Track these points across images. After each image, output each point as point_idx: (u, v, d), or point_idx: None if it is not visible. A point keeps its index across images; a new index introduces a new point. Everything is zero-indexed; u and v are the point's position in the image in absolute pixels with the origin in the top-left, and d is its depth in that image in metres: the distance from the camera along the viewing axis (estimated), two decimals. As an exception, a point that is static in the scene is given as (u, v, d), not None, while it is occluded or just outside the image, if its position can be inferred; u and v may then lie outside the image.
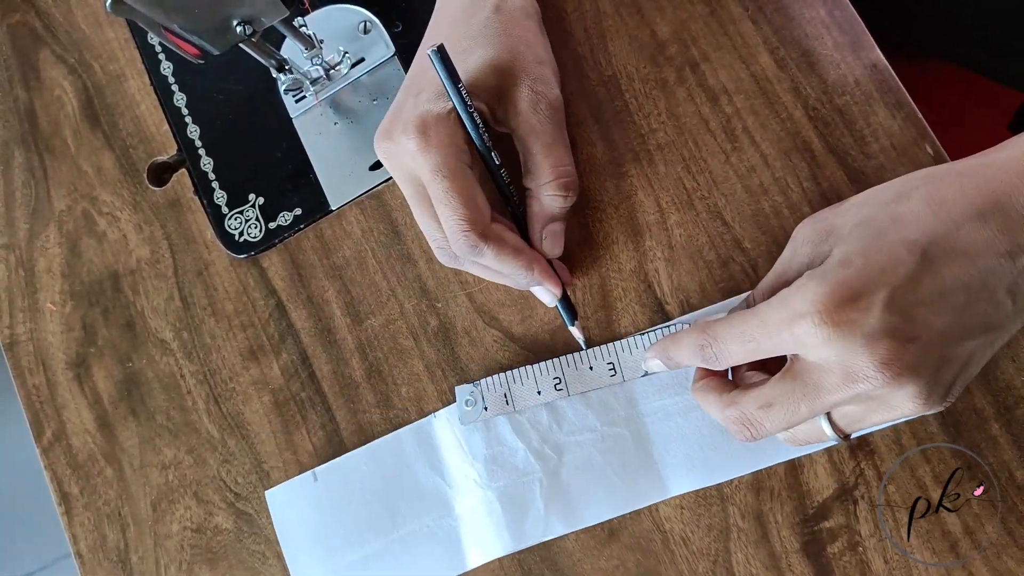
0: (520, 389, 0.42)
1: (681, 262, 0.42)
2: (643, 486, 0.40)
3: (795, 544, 0.38)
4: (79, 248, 0.51)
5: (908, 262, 0.30)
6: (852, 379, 0.30)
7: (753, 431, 0.34)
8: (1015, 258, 0.30)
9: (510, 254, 0.38)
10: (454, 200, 0.37)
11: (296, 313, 0.47)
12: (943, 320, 0.30)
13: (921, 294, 0.30)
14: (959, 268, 0.30)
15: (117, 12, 0.37)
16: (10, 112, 0.55)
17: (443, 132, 0.37)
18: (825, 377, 0.31)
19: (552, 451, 0.42)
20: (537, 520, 0.41)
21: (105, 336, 0.50)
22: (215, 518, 0.46)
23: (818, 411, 0.32)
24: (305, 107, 0.49)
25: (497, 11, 0.41)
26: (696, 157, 0.42)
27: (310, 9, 0.50)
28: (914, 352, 0.29)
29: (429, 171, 0.37)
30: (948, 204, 0.31)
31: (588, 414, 0.41)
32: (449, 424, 0.43)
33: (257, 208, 0.49)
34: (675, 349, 0.37)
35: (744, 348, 0.33)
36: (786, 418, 0.32)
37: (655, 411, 0.41)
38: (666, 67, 0.44)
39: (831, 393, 0.31)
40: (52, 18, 0.56)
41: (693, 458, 0.40)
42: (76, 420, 0.49)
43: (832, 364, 0.30)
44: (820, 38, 0.42)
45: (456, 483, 0.43)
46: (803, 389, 0.31)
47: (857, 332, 0.29)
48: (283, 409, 0.46)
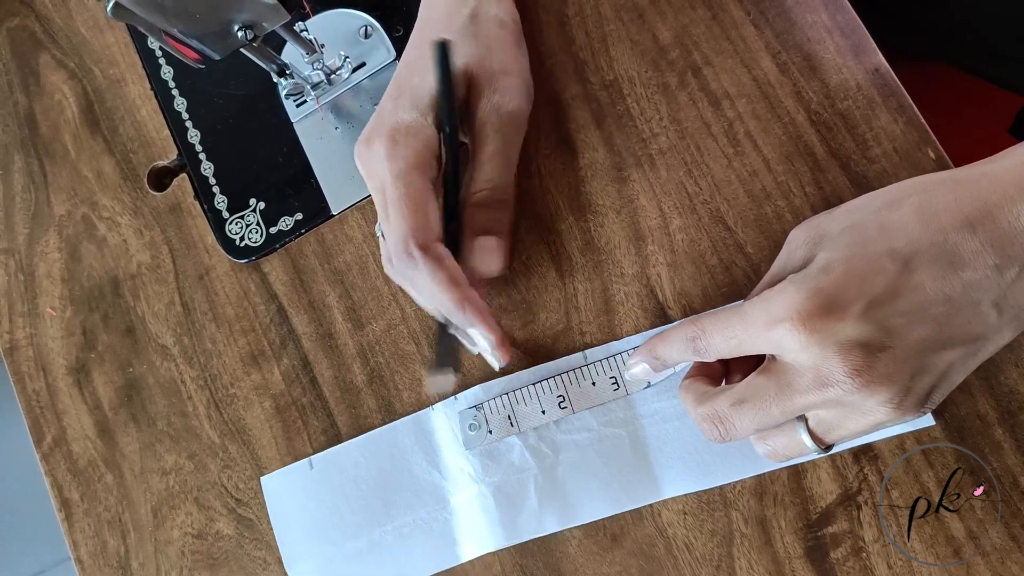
0: (524, 410, 0.42)
1: (683, 267, 0.42)
2: (638, 487, 0.40)
3: (798, 550, 0.38)
4: (79, 253, 0.51)
5: (890, 271, 0.30)
6: (824, 383, 0.30)
7: (723, 429, 0.33)
8: (1003, 271, 0.30)
9: (445, 280, 0.37)
10: (405, 207, 0.37)
11: (297, 318, 0.47)
12: (921, 331, 0.30)
13: (900, 305, 0.30)
14: (942, 280, 0.30)
15: (118, 16, 0.37)
16: (10, 117, 0.55)
17: (412, 142, 0.38)
18: (798, 378, 0.31)
19: (548, 449, 0.42)
20: (531, 516, 0.41)
21: (105, 341, 0.50)
22: (216, 524, 0.46)
23: (789, 412, 0.32)
24: (306, 112, 0.49)
25: (473, 18, 0.41)
26: (698, 162, 0.42)
27: (311, 14, 0.50)
28: (887, 361, 0.29)
29: (391, 176, 0.37)
30: (938, 213, 0.30)
31: (586, 414, 0.41)
32: (446, 417, 0.43)
33: (258, 213, 0.49)
34: (664, 346, 0.36)
35: (728, 344, 0.33)
36: (757, 418, 0.32)
37: (653, 413, 0.41)
38: (668, 71, 0.44)
39: (803, 395, 0.31)
40: (52, 22, 0.55)
41: (688, 461, 0.40)
42: (76, 426, 0.49)
43: (806, 368, 0.30)
44: (822, 42, 0.42)
45: (451, 476, 0.43)
46: (776, 388, 0.32)
47: (831, 340, 0.30)
48: (284, 414, 0.46)
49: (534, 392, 0.42)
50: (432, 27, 0.42)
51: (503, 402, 0.42)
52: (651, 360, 0.37)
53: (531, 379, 0.42)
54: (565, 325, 0.43)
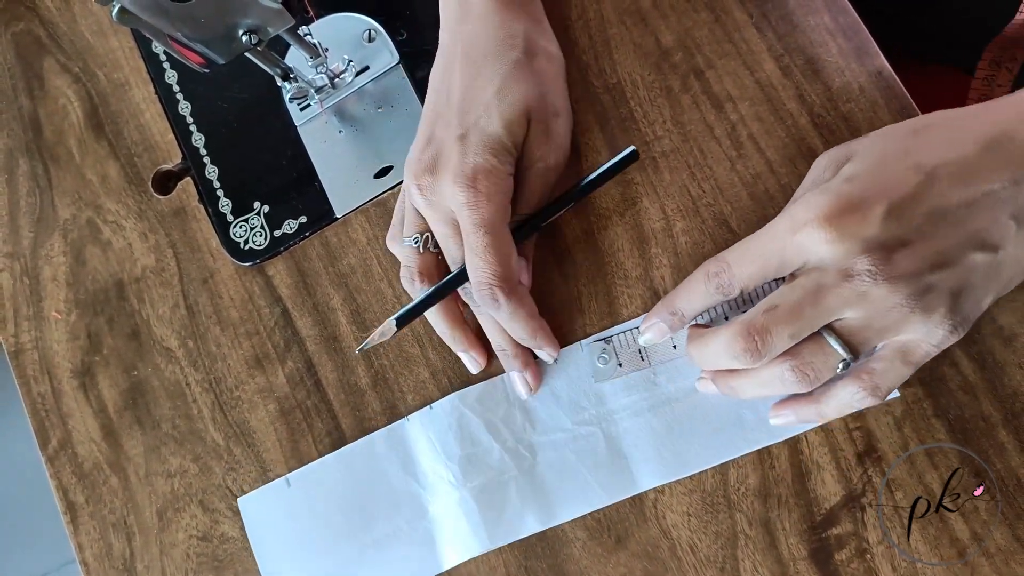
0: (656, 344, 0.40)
1: (687, 269, 0.42)
2: (615, 482, 0.41)
3: (803, 551, 0.38)
4: (84, 256, 0.52)
5: (912, 180, 0.32)
6: (849, 277, 0.32)
7: (759, 340, 0.33)
8: (1020, 185, 0.32)
9: (525, 316, 0.40)
10: (491, 256, 0.38)
11: (301, 321, 0.47)
12: (941, 230, 0.32)
13: (921, 208, 0.31)
14: (963, 189, 0.32)
15: (123, 21, 0.37)
16: (15, 121, 0.55)
17: (492, 188, 0.38)
18: (825, 278, 0.32)
19: (526, 451, 0.42)
20: (513, 517, 0.42)
21: (110, 344, 0.50)
22: (221, 526, 0.46)
23: (820, 312, 0.33)
24: (310, 115, 0.49)
25: (528, 53, 0.41)
26: (701, 164, 0.42)
27: (315, 18, 0.50)
28: (908, 255, 0.31)
29: (472, 224, 0.38)
30: (961, 135, 0.33)
31: (559, 414, 0.42)
32: (422, 427, 0.43)
33: (262, 216, 0.49)
34: (683, 295, 0.37)
35: (752, 267, 0.34)
36: (791, 320, 0.33)
37: (624, 408, 0.41)
38: (671, 74, 0.44)
39: (831, 292, 0.32)
40: (56, 27, 0.56)
41: (663, 452, 0.40)
42: (81, 429, 0.49)
43: (832, 265, 0.32)
44: (824, 45, 0.42)
45: (429, 484, 0.43)
46: (804, 289, 0.33)
47: (855, 236, 0.31)
48: (289, 417, 0.46)
49: None
50: (479, 55, 0.41)
51: (634, 336, 0.42)
52: (668, 316, 0.37)
53: None
54: (569, 328, 0.43)
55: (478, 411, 0.43)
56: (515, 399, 0.43)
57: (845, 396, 0.35)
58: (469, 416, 0.43)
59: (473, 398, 0.43)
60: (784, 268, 0.34)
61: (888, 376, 0.34)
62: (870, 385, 0.34)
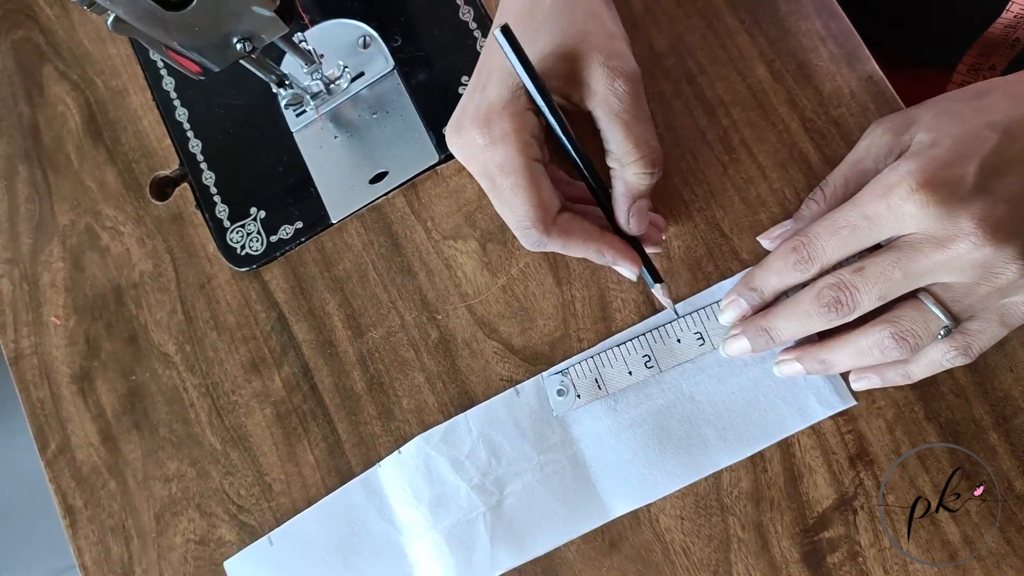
0: (611, 372, 0.41)
1: (680, 273, 0.42)
2: (584, 511, 0.41)
3: (795, 554, 0.39)
4: (82, 262, 0.52)
5: (993, 139, 0.32)
6: (951, 240, 0.31)
7: (846, 295, 0.33)
8: None
9: (578, 243, 0.37)
10: (517, 198, 0.36)
11: (297, 326, 0.47)
12: None
13: (1008, 162, 0.32)
14: None
15: (119, 31, 0.38)
16: (14, 128, 0.55)
17: (507, 124, 0.36)
18: (922, 242, 0.32)
19: (493, 486, 0.42)
20: (484, 556, 0.41)
21: (108, 350, 0.50)
22: (218, 530, 0.46)
23: (912, 276, 0.32)
24: (305, 121, 0.50)
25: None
26: (693, 169, 0.43)
27: (310, 24, 0.51)
28: (1009, 211, 0.31)
29: (495, 167, 0.36)
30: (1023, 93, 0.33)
31: (524, 445, 0.42)
32: (394, 471, 0.44)
33: (258, 222, 0.49)
34: (762, 272, 0.36)
35: (837, 238, 0.33)
36: (880, 281, 0.32)
37: (587, 435, 0.41)
38: (663, 79, 0.44)
39: (928, 255, 0.32)
40: (55, 34, 0.56)
41: (629, 477, 0.41)
42: (80, 433, 0.49)
43: (929, 229, 0.32)
44: (816, 50, 0.42)
45: (406, 529, 0.43)
46: (897, 254, 0.32)
47: (954, 194, 0.31)
48: (285, 421, 0.46)
49: (620, 354, 0.41)
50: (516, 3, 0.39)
51: (590, 366, 0.42)
52: (747, 293, 0.37)
53: (615, 342, 0.42)
54: (563, 332, 0.43)
55: (443, 450, 0.43)
56: (479, 435, 0.42)
57: (936, 355, 0.34)
58: (435, 457, 0.43)
59: (438, 438, 0.43)
60: (874, 236, 0.33)
61: (983, 337, 0.33)
62: (963, 344, 0.34)
